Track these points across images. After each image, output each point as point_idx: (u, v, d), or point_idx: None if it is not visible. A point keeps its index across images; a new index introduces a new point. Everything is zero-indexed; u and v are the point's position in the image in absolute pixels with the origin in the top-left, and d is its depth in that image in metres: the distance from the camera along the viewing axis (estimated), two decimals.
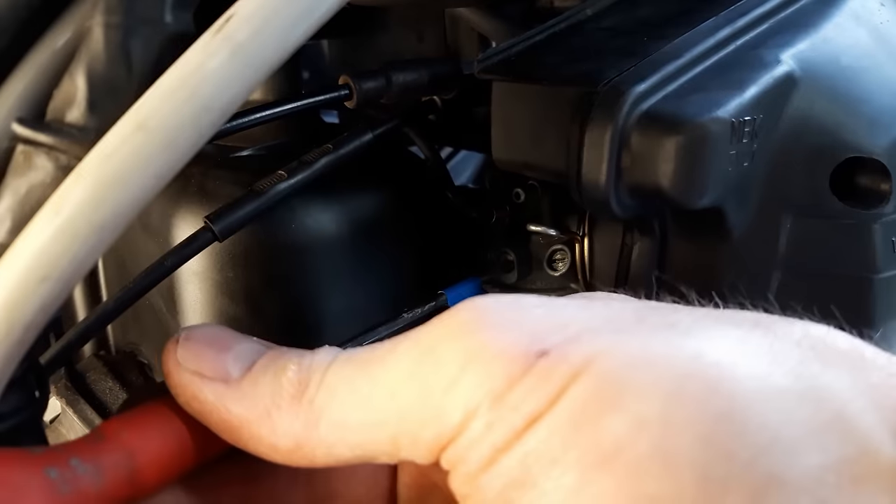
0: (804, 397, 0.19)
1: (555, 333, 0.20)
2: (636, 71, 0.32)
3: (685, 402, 0.19)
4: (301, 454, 0.22)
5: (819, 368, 0.20)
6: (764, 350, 0.20)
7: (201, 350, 0.24)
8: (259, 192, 0.33)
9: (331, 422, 0.22)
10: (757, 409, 0.19)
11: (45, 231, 0.20)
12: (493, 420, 0.19)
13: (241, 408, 0.23)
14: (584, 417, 0.19)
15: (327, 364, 0.23)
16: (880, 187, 0.35)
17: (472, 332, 0.21)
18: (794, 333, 0.21)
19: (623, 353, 0.20)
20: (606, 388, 0.19)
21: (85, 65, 0.21)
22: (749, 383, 0.19)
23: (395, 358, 0.22)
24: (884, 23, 0.39)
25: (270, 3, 0.20)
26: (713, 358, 0.19)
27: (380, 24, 0.50)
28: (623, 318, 0.21)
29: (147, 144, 0.20)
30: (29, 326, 0.21)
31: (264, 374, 0.23)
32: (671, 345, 0.20)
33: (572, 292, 0.42)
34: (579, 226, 0.39)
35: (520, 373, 0.20)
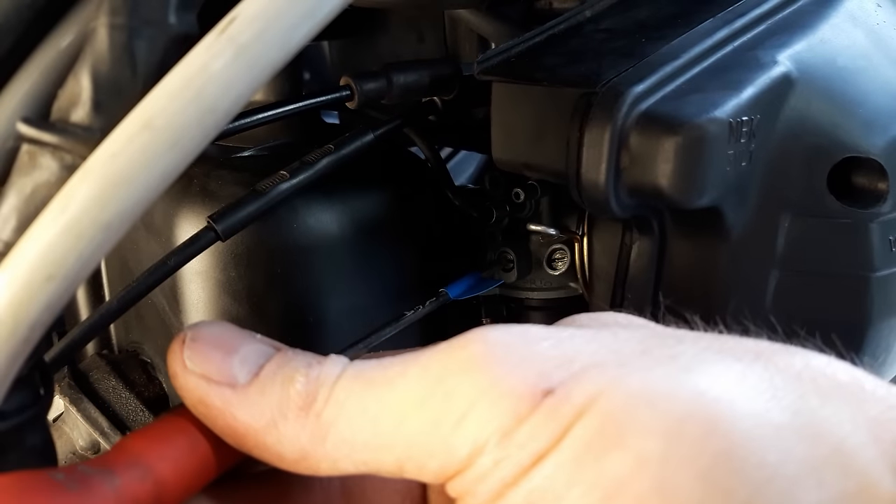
0: (802, 433, 0.19)
1: (560, 369, 0.21)
2: (635, 72, 0.32)
3: (685, 441, 0.19)
4: (306, 465, 0.23)
5: (818, 402, 0.20)
6: (764, 385, 0.20)
7: (208, 352, 0.23)
8: (261, 192, 0.33)
9: (337, 438, 0.22)
10: (755, 446, 0.19)
11: (51, 230, 0.21)
12: (500, 457, 0.20)
13: (247, 415, 0.23)
14: (587, 455, 0.19)
15: (336, 377, 0.23)
16: (877, 187, 0.35)
17: (481, 368, 0.21)
18: (795, 365, 0.21)
19: (625, 391, 0.20)
20: (608, 426, 0.20)
21: (90, 65, 0.21)
22: (747, 421, 0.19)
23: (405, 383, 0.22)
24: (880, 24, 0.39)
25: (274, 4, 0.20)
26: (713, 395, 0.20)
27: (380, 26, 0.51)
28: (627, 351, 0.22)
29: (152, 144, 0.20)
30: (34, 325, 0.21)
31: (272, 382, 0.23)
32: (672, 381, 0.20)
33: (572, 291, 0.42)
34: (579, 225, 0.39)
35: (527, 411, 0.20)
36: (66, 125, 0.22)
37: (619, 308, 0.37)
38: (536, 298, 0.42)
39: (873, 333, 0.37)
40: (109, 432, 0.40)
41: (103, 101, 0.21)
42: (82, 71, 0.21)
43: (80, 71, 0.21)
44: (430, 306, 0.38)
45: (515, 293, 0.43)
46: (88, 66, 0.21)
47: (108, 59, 0.21)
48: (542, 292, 0.42)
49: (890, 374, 0.41)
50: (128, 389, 0.42)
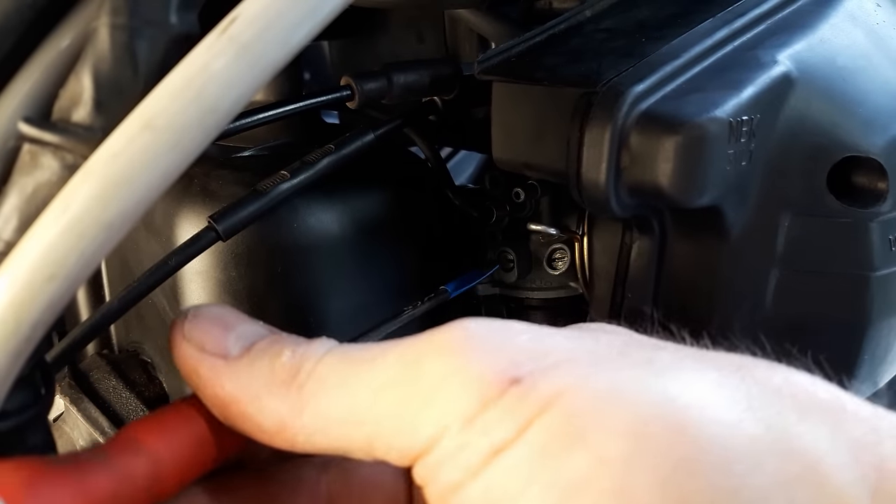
0: (775, 447, 0.19)
1: (532, 361, 0.21)
2: (635, 71, 0.32)
3: (648, 444, 0.19)
4: (283, 437, 0.23)
5: (796, 418, 0.20)
6: (740, 395, 0.20)
7: (206, 326, 0.24)
8: (262, 192, 0.33)
9: (315, 412, 0.23)
10: (722, 455, 0.18)
11: (53, 229, 0.21)
12: (462, 442, 0.20)
13: (234, 386, 0.23)
14: (548, 452, 0.19)
15: (321, 355, 0.23)
16: (877, 186, 0.35)
17: (454, 352, 0.21)
18: (774, 380, 0.21)
19: (592, 389, 0.20)
20: (571, 423, 0.19)
21: (91, 65, 0.21)
22: (716, 429, 0.19)
23: (383, 363, 0.22)
24: (880, 24, 0.39)
25: (275, 4, 0.20)
26: (683, 400, 0.19)
27: (380, 26, 0.51)
28: (605, 352, 0.22)
29: (154, 143, 0.20)
30: (36, 324, 0.21)
31: (261, 356, 0.24)
32: (642, 383, 0.20)
33: (572, 291, 0.42)
34: (579, 225, 0.39)
35: (492, 397, 0.20)
36: (67, 125, 0.22)
37: (619, 307, 0.37)
38: (536, 298, 0.43)
39: (873, 333, 0.37)
40: (110, 432, 0.41)
41: (104, 101, 0.21)
42: (83, 71, 0.21)
43: (81, 71, 0.21)
44: (429, 303, 0.38)
45: (515, 293, 0.43)
46: (90, 66, 0.21)
47: (110, 58, 0.21)
48: (543, 292, 0.42)
49: (890, 373, 0.41)
50: (128, 389, 0.42)
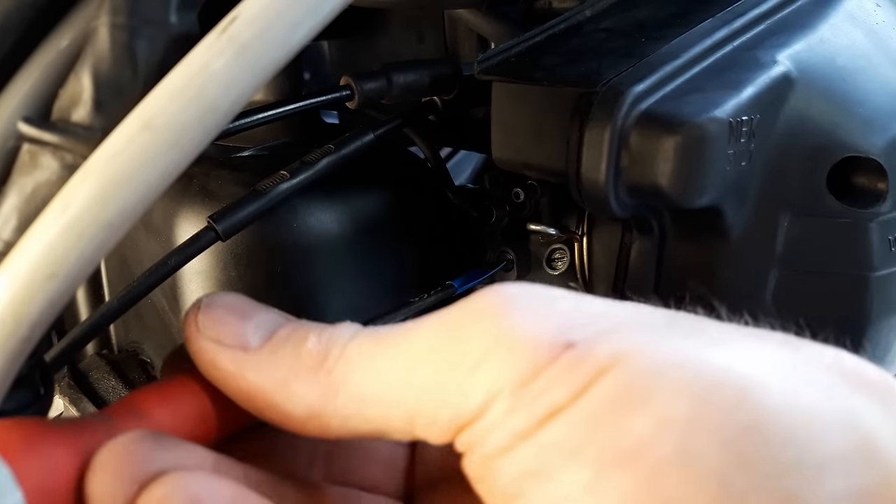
0: (833, 419, 0.19)
1: (583, 327, 0.20)
2: (634, 71, 0.32)
3: (712, 409, 0.18)
4: (315, 423, 0.22)
5: (849, 393, 0.19)
6: (793, 368, 0.20)
7: (222, 317, 0.23)
8: (262, 192, 0.33)
9: (348, 394, 0.22)
10: (784, 423, 0.18)
11: (52, 228, 0.21)
12: (514, 406, 0.19)
13: (258, 376, 0.23)
14: (607, 414, 0.19)
15: (348, 338, 0.23)
16: (877, 186, 0.35)
17: (499, 315, 0.20)
18: (825, 357, 0.21)
19: (653, 354, 0.19)
20: (633, 386, 0.19)
21: (91, 65, 0.21)
22: (778, 398, 0.19)
23: (418, 334, 0.21)
24: (880, 24, 0.39)
25: (275, 3, 0.20)
26: (743, 369, 0.19)
27: (379, 25, 0.51)
28: (653, 320, 0.21)
29: (153, 143, 0.20)
30: (36, 324, 0.21)
31: (284, 344, 0.23)
32: (701, 352, 0.20)
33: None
34: (578, 225, 0.39)
35: (546, 362, 0.19)
36: (66, 125, 0.22)
37: None
38: None
39: (873, 332, 0.37)
40: None
41: (104, 101, 0.21)
42: (83, 70, 0.21)
43: (80, 70, 0.21)
44: (435, 296, 0.37)
45: None
46: (89, 66, 0.21)
47: (109, 58, 0.21)
48: None
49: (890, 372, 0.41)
50: (127, 389, 0.42)
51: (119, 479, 0.21)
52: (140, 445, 0.21)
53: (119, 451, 0.21)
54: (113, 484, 0.21)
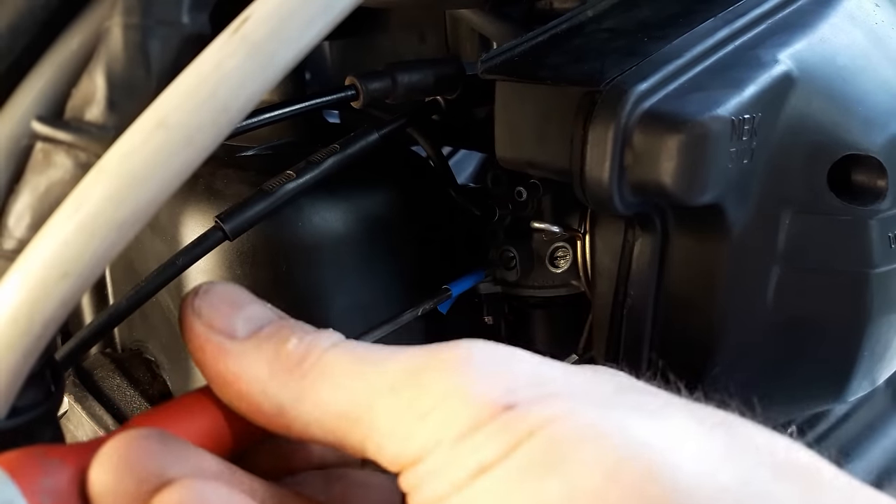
0: (743, 500, 0.19)
1: (528, 389, 0.21)
2: (637, 71, 0.32)
3: (621, 482, 0.19)
4: (280, 421, 0.24)
5: (770, 476, 0.20)
6: (718, 449, 0.20)
7: (216, 304, 0.25)
8: (268, 192, 0.33)
9: (314, 402, 0.23)
10: (690, 502, 0.19)
11: (66, 227, 0.21)
12: (451, 458, 0.21)
13: (238, 366, 0.24)
14: (526, 475, 0.20)
15: (326, 347, 0.24)
16: (876, 184, 0.35)
17: (457, 371, 0.22)
18: (756, 439, 0.21)
19: (576, 422, 0.20)
20: (552, 451, 0.20)
21: (104, 64, 0.22)
22: (689, 476, 0.19)
23: (386, 368, 0.23)
24: (879, 23, 0.39)
25: (286, 4, 0.21)
26: (661, 445, 0.20)
27: (381, 25, 0.51)
28: (598, 390, 0.22)
29: (167, 142, 0.20)
30: (48, 322, 0.21)
31: (267, 340, 0.24)
32: (625, 424, 0.21)
33: (574, 289, 0.42)
34: (581, 223, 0.40)
35: (485, 420, 0.21)
36: (80, 124, 0.22)
37: (621, 306, 0.37)
38: (538, 296, 0.43)
39: (873, 329, 0.37)
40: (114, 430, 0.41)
41: (117, 100, 0.22)
42: (96, 70, 0.22)
43: (94, 70, 0.22)
44: (432, 303, 0.38)
45: (517, 291, 0.43)
46: (103, 66, 0.21)
47: (123, 58, 0.21)
48: (544, 290, 0.42)
49: (889, 370, 0.42)
50: (132, 387, 0.43)
51: (121, 472, 0.21)
52: (145, 444, 0.22)
53: (122, 445, 0.22)
54: (115, 477, 0.21)
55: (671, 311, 0.36)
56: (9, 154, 0.23)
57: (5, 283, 0.21)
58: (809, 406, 0.42)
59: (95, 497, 0.21)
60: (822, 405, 0.43)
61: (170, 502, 0.21)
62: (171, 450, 0.22)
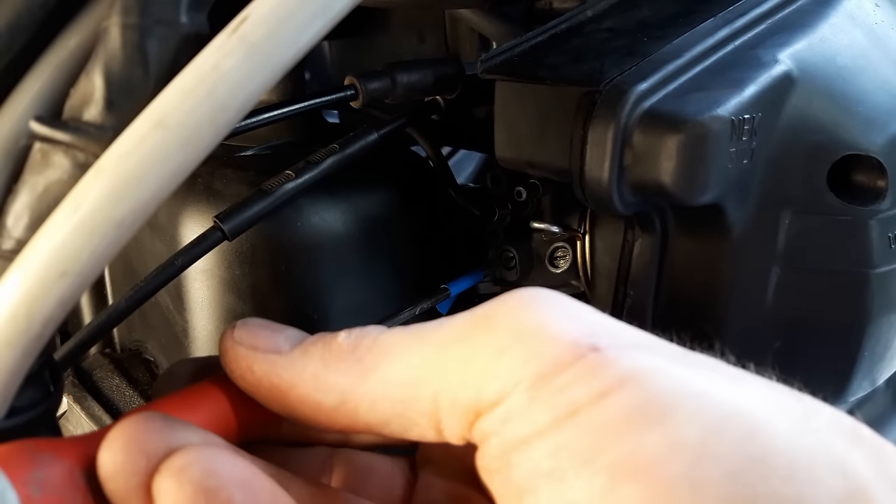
0: (831, 465, 0.19)
1: (607, 335, 0.21)
2: (637, 70, 0.32)
3: (723, 438, 0.19)
4: (345, 410, 0.23)
5: (847, 446, 0.20)
6: (799, 414, 0.21)
7: (256, 330, 0.25)
8: (267, 192, 0.33)
9: (376, 378, 0.22)
10: (788, 461, 0.19)
11: (64, 227, 0.21)
12: (533, 398, 0.19)
13: (291, 372, 0.24)
14: (624, 425, 0.19)
15: (378, 333, 0.24)
16: (876, 184, 0.35)
17: (529, 311, 0.21)
18: (825, 411, 0.21)
19: (671, 377, 0.20)
20: (651, 403, 0.19)
21: (102, 64, 0.21)
22: (784, 437, 0.19)
23: (449, 322, 0.22)
24: (879, 23, 0.39)
25: (285, 4, 0.21)
26: (752, 407, 0.20)
27: (381, 25, 0.51)
28: (671, 349, 0.22)
29: (164, 142, 0.20)
30: (47, 321, 0.21)
31: (314, 344, 0.24)
32: (715, 384, 0.20)
33: (574, 289, 0.42)
34: (580, 223, 0.40)
35: (570, 360, 0.19)
36: (78, 123, 0.22)
37: (621, 306, 0.37)
38: None
39: (873, 329, 0.37)
40: None
41: (116, 100, 0.21)
42: (95, 70, 0.21)
43: (92, 70, 0.22)
44: (430, 302, 0.38)
45: None
46: (101, 65, 0.21)
47: (121, 58, 0.21)
48: None
49: (889, 370, 0.41)
50: (131, 388, 0.42)
51: (131, 453, 0.21)
52: (150, 423, 0.22)
53: (130, 427, 0.22)
54: (125, 458, 0.21)
55: (671, 312, 0.36)
56: (7, 154, 0.23)
57: (4, 282, 0.21)
58: None
59: (105, 478, 0.21)
60: None
61: (177, 466, 0.21)
62: (176, 429, 0.22)
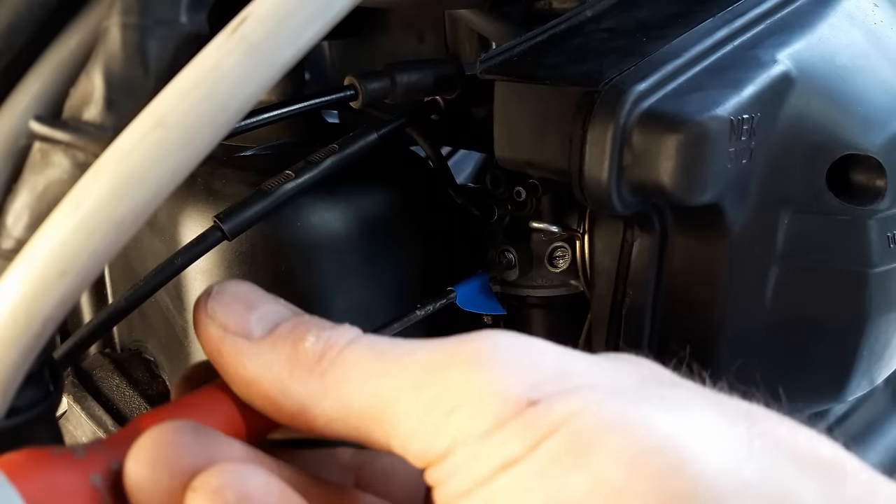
0: (768, 497, 0.19)
1: (552, 383, 0.21)
2: (636, 71, 0.32)
3: (646, 475, 0.19)
4: (303, 419, 0.24)
5: (793, 472, 0.20)
6: (742, 443, 0.20)
7: (230, 304, 0.25)
8: (267, 192, 0.33)
9: (336, 400, 0.23)
10: (714, 497, 0.19)
11: (65, 226, 0.21)
12: (476, 454, 0.21)
13: (257, 367, 0.24)
14: (551, 470, 0.20)
15: (345, 343, 0.24)
16: (875, 184, 0.35)
17: (481, 366, 0.22)
18: (780, 433, 0.21)
19: (602, 414, 0.20)
20: (577, 444, 0.20)
21: (102, 64, 0.22)
22: (713, 471, 0.19)
23: (410, 363, 0.23)
24: (878, 23, 0.39)
25: (285, 4, 0.21)
26: (686, 440, 0.20)
27: (380, 26, 0.51)
28: (623, 381, 0.22)
29: (164, 142, 0.20)
30: (48, 320, 0.21)
31: (284, 339, 0.24)
32: (651, 417, 0.20)
33: (573, 289, 0.42)
34: (580, 223, 0.40)
35: (510, 416, 0.21)
36: (78, 123, 0.22)
37: (620, 305, 0.37)
38: (537, 296, 0.43)
39: (872, 329, 0.37)
40: (113, 430, 0.41)
41: (115, 100, 0.22)
42: (95, 69, 0.22)
43: (92, 70, 0.22)
44: (438, 305, 0.38)
45: (516, 291, 0.43)
46: (101, 65, 0.21)
47: (121, 58, 0.21)
48: (543, 290, 0.43)
49: (888, 370, 0.42)
50: (131, 387, 0.43)
51: (161, 467, 0.21)
52: (177, 433, 0.22)
53: (160, 438, 0.22)
54: (154, 471, 0.21)
55: (670, 311, 0.36)
56: (7, 154, 0.23)
57: (4, 281, 0.21)
58: (808, 405, 0.42)
59: (132, 490, 0.22)
60: (822, 404, 0.43)
61: (209, 485, 0.21)
62: (204, 440, 0.23)
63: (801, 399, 0.41)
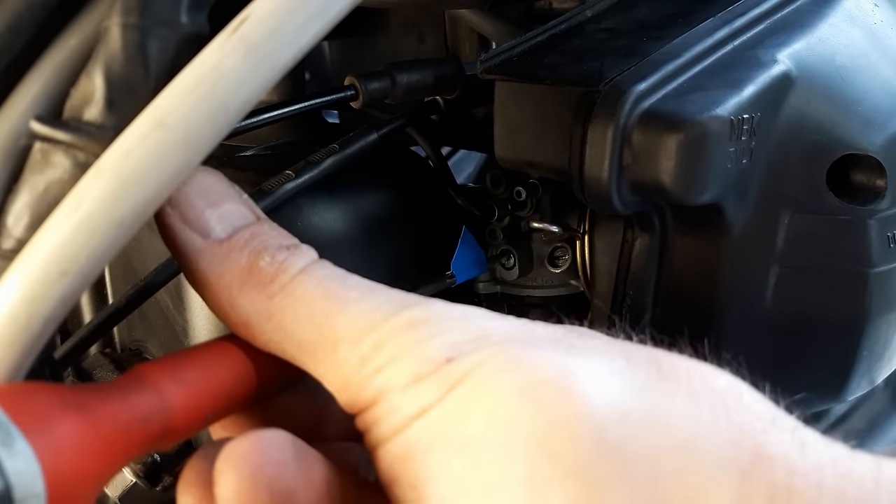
0: (651, 422, 0.20)
1: (472, 343, 0.23)
2: (637, 70, 0.32)
3: (532, 403, 0.21)
4: (245, 332, 0.25)
5: (682, 400, 0.21)
6: (637, 380, 0.22)
7: (193, 198, 0.25)
8: (267, 192, 0.33)
9: (279, 325, 0.24)
10: (597, 421, 0.20)
11: (65, 226, 0.21)
12: (395, 405, 0.22)
13: (210, 270, 0.24)
14: (455, 413, 0.22)
15: (300, 269, 0.24)
16: (875, 184, 0.35)
17: (412, 329, 0.23)
18: (678, 368, 0.22)
19: (501, 360, 0.22)
20: (477, 388, 0.22)
21: (103, 64, 0.22)
22: (598, 401, 0.21)
23: (355, 314, 0.23)
24: (878, 23, 0.39)
25: (285, 4, 0.21)
26: (576, 373, 0.21)
27: (380, 26, 0.51)
28: (538, 335, 0.24)
29: (165, 142, 0.21)
30: (48, 320, 0.22)
31: (240, 249, 0.25)
32: (546, 358, 0.22)
33: (573, 289, 0.42)
34: (580, 223, 0.40)
35: (428, 372, 0.22)
36: (78, 123, 0.22)
37: (620, 305, 0.37)
38: (537, 296, 0.43)
39: (872, 329, 0.37)
40: None
41: (116, 100, 0.22)
42: (95, 70, 0.22)
43: (92, 70, 0.22)
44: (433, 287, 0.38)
45: (516, 291, 0.43)
46: (101, 65, 0.22)
47: (121, 58, 0.21)
48: (544, 290, 0.43)
49: (888, 370, 0.42)
50: None
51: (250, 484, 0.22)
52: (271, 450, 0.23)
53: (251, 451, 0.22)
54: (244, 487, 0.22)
55: (670, 311, 0.36)
56: (7, 154, 0.23)
57: (4, 281, 0.21)
58: (808, 405, 0.42)
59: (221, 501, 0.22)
60: (822, 404, 0.43)
61: None
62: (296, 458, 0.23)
63: (801, 399, 0.41)
